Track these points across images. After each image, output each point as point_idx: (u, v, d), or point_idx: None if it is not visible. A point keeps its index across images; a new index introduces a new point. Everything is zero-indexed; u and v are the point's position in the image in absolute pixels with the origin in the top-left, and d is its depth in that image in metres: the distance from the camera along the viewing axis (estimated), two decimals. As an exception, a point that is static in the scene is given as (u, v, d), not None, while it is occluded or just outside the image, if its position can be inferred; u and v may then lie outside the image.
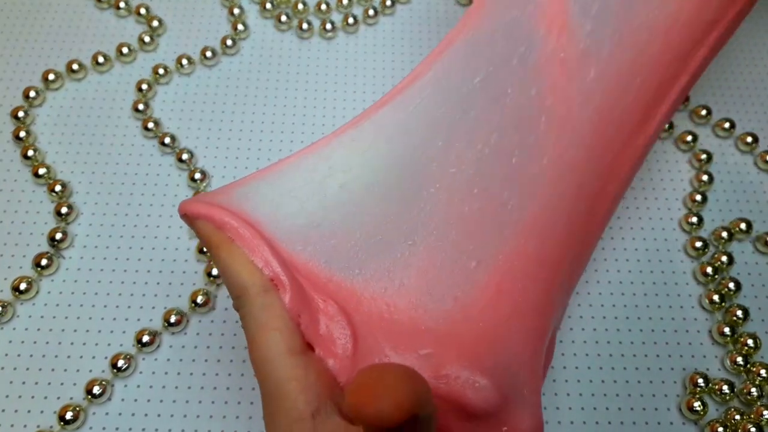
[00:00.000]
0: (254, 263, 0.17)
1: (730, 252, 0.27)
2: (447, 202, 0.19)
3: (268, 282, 0.17)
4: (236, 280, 0.17)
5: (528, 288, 0.19)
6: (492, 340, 0.18)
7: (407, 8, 0.35)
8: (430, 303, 0.18)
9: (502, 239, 0.19)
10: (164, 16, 0.33)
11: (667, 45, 0.20)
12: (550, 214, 0.19)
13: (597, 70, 0.20)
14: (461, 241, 0.19)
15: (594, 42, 0.20)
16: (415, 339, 0.17)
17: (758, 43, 0.34)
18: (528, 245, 0.19)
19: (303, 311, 0.17)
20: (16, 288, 0.25)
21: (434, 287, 0.18)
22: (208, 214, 0.18)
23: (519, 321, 0.18)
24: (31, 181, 0.28)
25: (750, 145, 0.30)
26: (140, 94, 0.31)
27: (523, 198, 0.19)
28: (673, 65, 0.21)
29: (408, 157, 0.19)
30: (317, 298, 0.18)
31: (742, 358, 0.25)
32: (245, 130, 0.30)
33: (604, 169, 0.20)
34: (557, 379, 0.25)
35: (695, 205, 0.29)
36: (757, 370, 0.25)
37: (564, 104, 0.20)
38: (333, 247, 0.18)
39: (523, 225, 0.19)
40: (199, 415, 0.23)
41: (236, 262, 0.17)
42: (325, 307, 0.17)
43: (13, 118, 0.30)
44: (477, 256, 0.19)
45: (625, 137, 0.21)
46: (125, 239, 0.27)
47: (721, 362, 0.25)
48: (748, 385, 0.24)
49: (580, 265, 0.21)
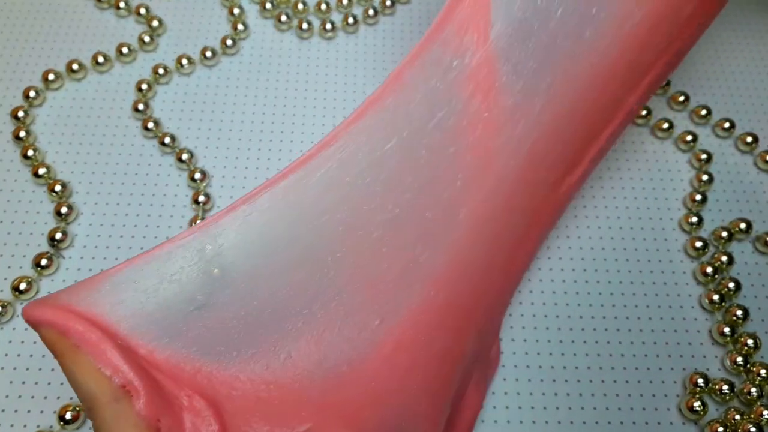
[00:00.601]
0: (102, 371, 0.16)
1: (730, 252, 0.28)
2: (353, 264, 0.18)
3: (118, 390, 0.16)
4: (84, 390, 0.16)
5: (435, 338, 0.18)
6: (382, 398, 0.17)
7: (407, 8, 0.35)
8: (318, 372, 0.18)
9: (410, 293, 0.18)
10: (164, 16, 0.34)
11: (603, 92, 0.20)
12: (464, 264, 0.19)
13: (526, 123, 0.19)
14: (366, 302, 0.18)
15: (525, 98, 0.19)
16: (296, 413, 0.17)
17: (758, 43, 0.34)
18: (438, 296, 0.18)
19: (163, 414, 0.16)
20: (16, 288, 0.25)
21: (328, 354, 0.18)
22: (50, 320, 0.16)
23: (419, 373, 0.18)
24: (30, 181, 0.28)
25: (750, 145, 0.30)
26: (140, 94, 0.31)
27: (436, 251, 0.19)
28: (608, 110, 0.20)
29: (311, 226, 0.19)
30: (182, 395, 0.17)
31: (742, 358, 0.25)
32: (245, 130, 0.30)
33: (525, 218, 0.20)
34: (557, 379, 0.25)
35: (695, 205, 0.29)
36: (757, 370, 0.25)
37: (484, 159, 0.19)
38: (210, 331, 0.17)
39: (434, 277, 0.19)
40: (199, 415, 0.23)
41: (82, 371, 0.16)
42: (189, 403, 0.17)
43: (13, 118, 0.30)
44: (381, 314, 0.18)
45: (551, 184, 0.20)
46: (125, 239, 0.27)
47: (721, 362, 0.25)
48: (748, 385, 0.24)
49: (502, 303, 0.21)
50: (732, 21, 0.35)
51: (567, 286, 0.27)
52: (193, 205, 0.28)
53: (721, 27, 0.35)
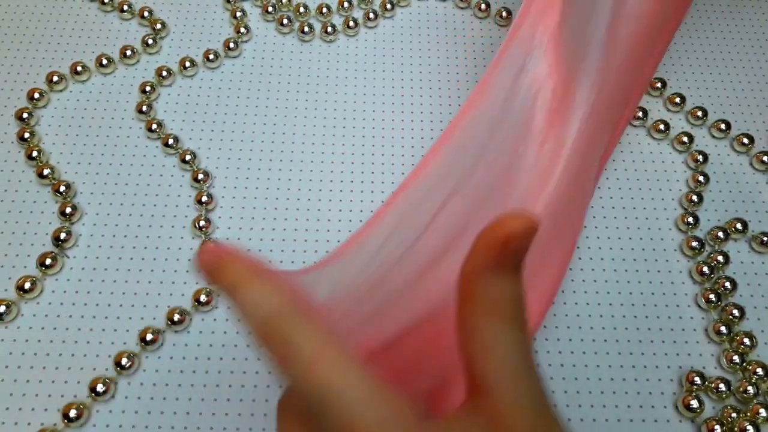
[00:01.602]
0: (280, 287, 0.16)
1: (726, 251, 0.28)
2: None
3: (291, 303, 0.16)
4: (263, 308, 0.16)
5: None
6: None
7: (407, 11, 0.35)
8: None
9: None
10: (167, 19, 0.34)
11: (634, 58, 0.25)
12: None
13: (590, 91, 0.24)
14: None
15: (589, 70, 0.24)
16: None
17: (754, 45, 0.34)
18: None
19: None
20: (21, 287, 0.25)
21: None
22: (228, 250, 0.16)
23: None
24: (35, 182, 0.29)
25: (746, 146, 0.31)
26: (144, 95, 0.31)
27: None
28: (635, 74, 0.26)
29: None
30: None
31: (738, 357, 0.25)
32: (247, 132, 0.31)
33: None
34: (555, 377, 0.25)
35: (691, 205, 0.29)
36: (753, 368, 0.25)
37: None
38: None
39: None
40: (201, 413, 0.24)
41: (261, 290, 0.16)
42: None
43: (18, 119, 0.30)
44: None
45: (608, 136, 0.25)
46: (129, 239, 0.27)
47: (717, 360, 0.26)
48: (744, 383, 0.25)
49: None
50: (728, 24, 0.35)
51: (564, 285, 0.27)
52: (195, 206, 0.28)
53: (717, 30, 0.35)
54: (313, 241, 0.28)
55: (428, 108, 0.31)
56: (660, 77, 0.33)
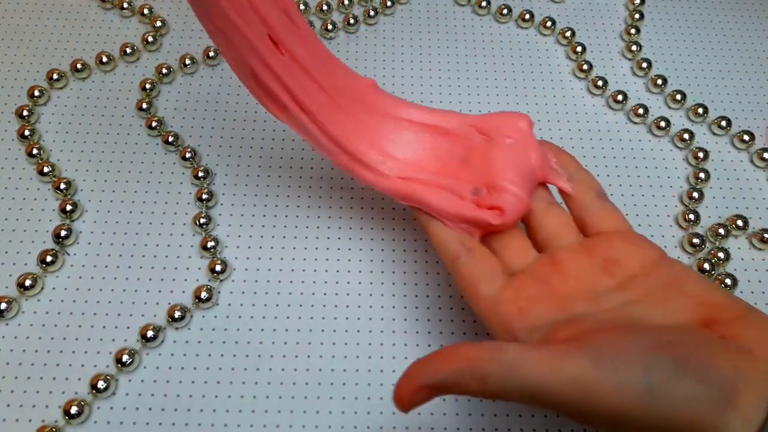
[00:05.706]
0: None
1: (727, 248, 0.28)
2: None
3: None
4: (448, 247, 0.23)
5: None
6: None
7: (407, 8, 0.35)
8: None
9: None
10: (167, 16, 0.34)
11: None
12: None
13: None
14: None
15: None
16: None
17: (755, 42, 0.35)
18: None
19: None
20: (22, 284, 0.25)
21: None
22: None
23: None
24: (36, 179, 0.29)
25: (746, 143, 0.31)
26: (144, 93, 0.31)
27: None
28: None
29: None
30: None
31: (738, 353, 0.25)
32: (248, 129, 0.31)
33: None
34: (556, 374, 0.25)
35: (692, 202, 0.29)
36: (754, 364, 0.25)
37: None
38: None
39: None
40: (202, 410, 0.24)
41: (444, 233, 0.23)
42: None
43: (18, 116, 0.30)
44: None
45: None
46: (129, 236, 0.27)
47: (718, 356, 0.26)
48: (744, 379, 0.25)
49: None
50: (729, 21, 0.35)
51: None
52: (196, 203, 0.28)
53: (718, 27, 0.35)
54: (313, 239, 0.28)
55: (428, 105, 0.31)
56: (660, 74, 0.33)
